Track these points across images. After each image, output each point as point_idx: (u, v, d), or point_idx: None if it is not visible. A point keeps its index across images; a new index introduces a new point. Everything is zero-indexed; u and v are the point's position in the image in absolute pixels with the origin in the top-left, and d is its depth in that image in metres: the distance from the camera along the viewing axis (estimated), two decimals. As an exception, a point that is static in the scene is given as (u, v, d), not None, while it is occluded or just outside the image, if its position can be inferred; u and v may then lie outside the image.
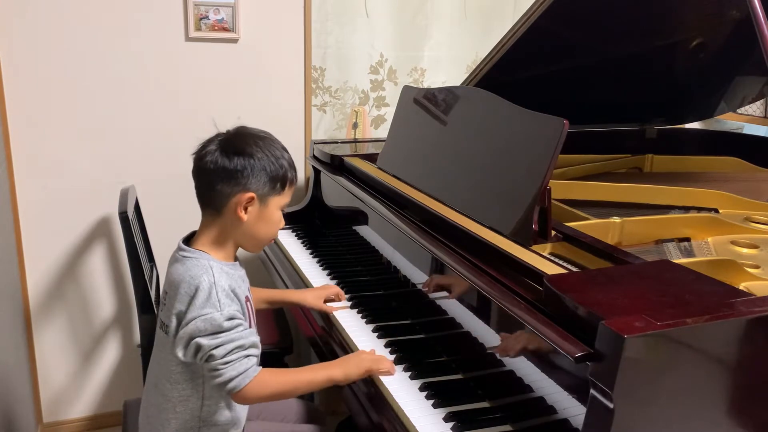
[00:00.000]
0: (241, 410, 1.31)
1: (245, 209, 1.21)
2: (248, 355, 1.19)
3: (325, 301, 1.59)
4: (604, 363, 0.87)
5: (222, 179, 1.19)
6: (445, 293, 1.37)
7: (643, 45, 1.91)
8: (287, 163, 1.24)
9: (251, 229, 1.24)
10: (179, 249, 1.25)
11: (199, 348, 1.16)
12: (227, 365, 1.16)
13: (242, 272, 1.29)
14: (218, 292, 1.17)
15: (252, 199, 1.21)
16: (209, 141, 1.23)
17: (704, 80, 2.09)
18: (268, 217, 1.24)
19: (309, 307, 1.58)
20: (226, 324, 1.16)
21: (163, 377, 1.25)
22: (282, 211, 1.27)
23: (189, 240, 1.27)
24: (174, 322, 1.19)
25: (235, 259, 1.30)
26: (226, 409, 1.27)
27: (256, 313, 1.37)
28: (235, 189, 1.20)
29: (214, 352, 1.15)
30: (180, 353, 1.18)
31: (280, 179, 1.23)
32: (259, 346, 1.23)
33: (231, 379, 1.17)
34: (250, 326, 1.24)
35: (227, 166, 1.19)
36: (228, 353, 1.16)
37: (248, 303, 1.27)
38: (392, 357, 1.35)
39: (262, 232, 1.26)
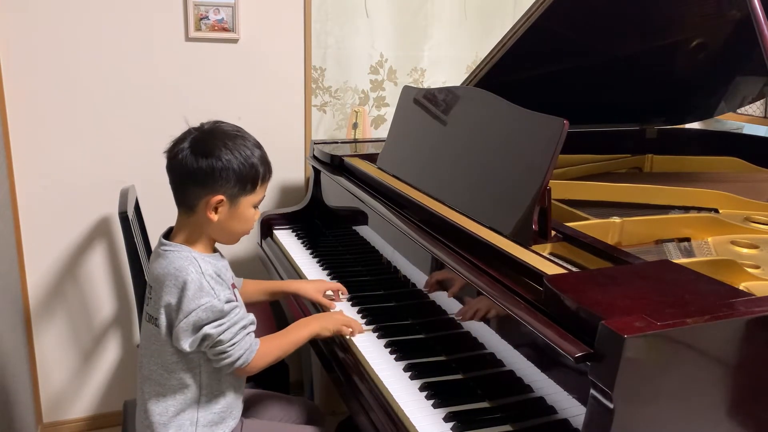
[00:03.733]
0: (236, 398, 1.33)
1: (215, 210, 1.23)
2: (249, 332, 1.26)
3: (325, 297, 1.59)
4: (604, 363, 0.87)
5: (192, 181, 1.22)
6: (445, 293, 1.37)
7: (644, 45, 1.91)
8: (258, 161, 1.25)
9: (223, 227, 1.26)
10: (160, 244, 1.27)
11: (206, 337, 1.19)
12: (234, 346, 1.22)
13: (225, 262, 1.31)
14: (208, 280, 1.20)
15: (221, 201, 1.23)
16: (182, 138, 1.25)
17: (704, 80, 2.09)
18: (239, 214, 1.26)
19: (308, 297, 1.58)
20: (227, 308, 1.20)
21: (158, 368, 1.25)
22: (255, 207, 1.29)
23: (168, 234, 1.30)
24: (163, 314, 1.20)
25: (214, 250, 1.32)
26: (222, 397, 1.29)
27: (255, 305, 1.42)
28: (203, 191, 1.22)
29: (222, 337, 1.20)
30: (186, 345, 1.19)
31: (251, 179, 1.24)
32: (254, 319, 1.29)
33: (239, 358, 1.23)
34: None
35: (195, 168, 1.21)
36: (234, 336, 1.21)
37: (234, 290, 1.30)
38: (393, 357, 1.35)
39: (235, 229, 1.28)
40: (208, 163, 1.20)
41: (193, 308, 1.17)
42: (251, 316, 1.28)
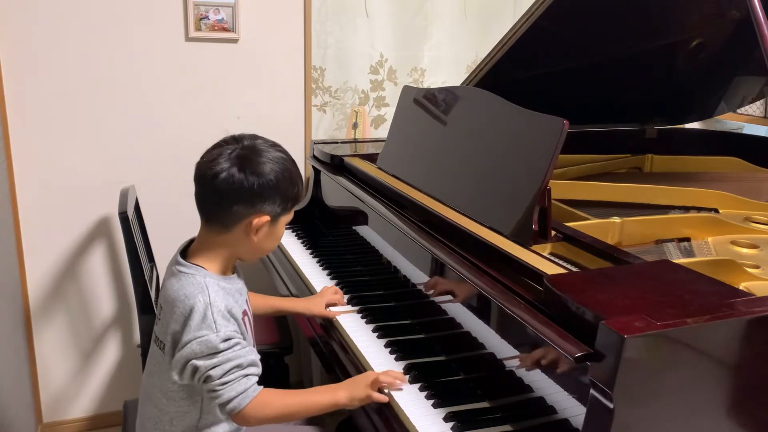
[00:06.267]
0: (237, 428, 1.27)
1: (257, 231, 1.18)
2: (247, 375, 1.15)
3: (328, 305, 1.57)
4: (604, 363, 0.87)
5: (237, 200, 1.15)
6: (444, 293, 1.37)
7: (644, 45, 1.91)
8: (298, 179, 1.21)
9: (258, 246, 1.21)
10: (176, 262, 1.20)
11: (195, 370, 1.12)
12: (225, 386, 1.13)
13: (240, 284, 1.26)
14: (214, 312, 1.13)
15: (266, 222, 1.17)
16: (220, 152, 1.16)
17: (704, 80, 2.09)
18: (275, 234, 1.22)
19: (314, 315, 1.56)
20: (222, 345, 1.12)
21: (158, 392, 1.22)
22: (286, 225, 1.25)
23: (186, 249, 1.23)
24: (169, 341, 1.16)
25: (234, 270, 1.27)
26: (225, 422, 1.23)
27: (260, 316, 1.34)
28: (250, 210, 1.16)
29: (211, 372, 1.12)
30: (176, 377, 1.15)
31: (292, 198, 1.21)
32: (259, 364, 1.19)
33: (230, 400, 1.13)
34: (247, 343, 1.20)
35: (244, 186, 1.13)
36: (225, 373, 1.12)
37: (246, 318, 1.23)
38: (393, 357, 1.35)
39: (267, 248, 1.24)
40: (257, 182, 1.14)
41: (189, 340, 1.11)
42: (253, 357, 1.17)
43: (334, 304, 1.58)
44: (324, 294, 1.59)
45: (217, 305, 1.14)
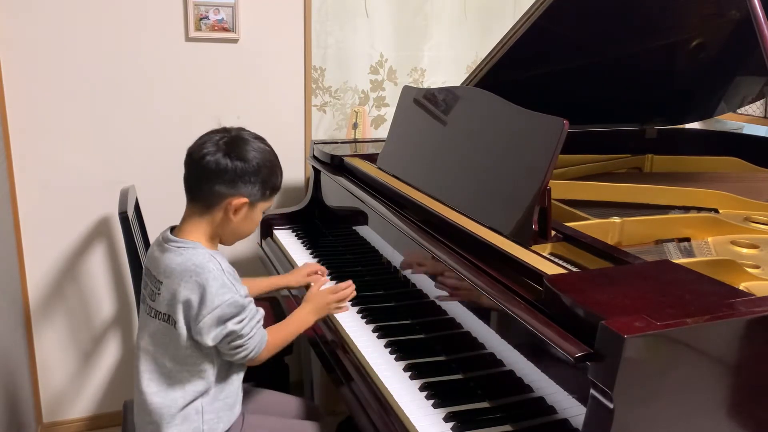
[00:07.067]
0: (240, 385, 1.37)
1: (235, 211, 1.28)
2: (260, 324, 1.31)
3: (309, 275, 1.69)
4: (604, 363, 0.87)
5: (220, 180, 1.25)
6: (444, 293, 1.37)
7: (644, 45, 1.91)
8: (279, 171, 1.33)
9: (236, 228, 1.31)
10: (169, 240, 1.28)
11: (231, 333, 1.24)
12: (251, 339, 1.27)
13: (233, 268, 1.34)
14: (228, 276, 1.24)
15: (244, 203, 1.28)
16: (208, 138, 1.28)
17: (704, 80, 2.09)
18: (252, 218, 1.33)
19: (297, 285, 1.69)
20: (246, 301, 1.26)
21: (168, 361, 1.28)
22: (263, 212, 1.36)
23: (172, 231, 1.33)
24: (181, 310, 1.22)
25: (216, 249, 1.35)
26: (229, 384, 1.33)
27: (258, 304, 1.42)
28: (230, 191, 1.26)
29: (243, 332, 1.25)
30: (209, 340, 1.23)
31: (271, 187, 1.32)
32: (263, 312, 1.34)
33: (253, 350, 1.28)
34: None
35: (227, 168, 1.25)
36: (252, 330, 1.27)
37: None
38: (393, 357, 1.35)
39: (244, 231, 1.34)
40: (240, 165, 1.25)
41: (218, 304, 1.21)
42: (261, 310, 1.33)
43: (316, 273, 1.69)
44: (304, 267, 1.71)
45: (227, 269, 1.26)
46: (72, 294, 2.23)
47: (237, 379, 1.35)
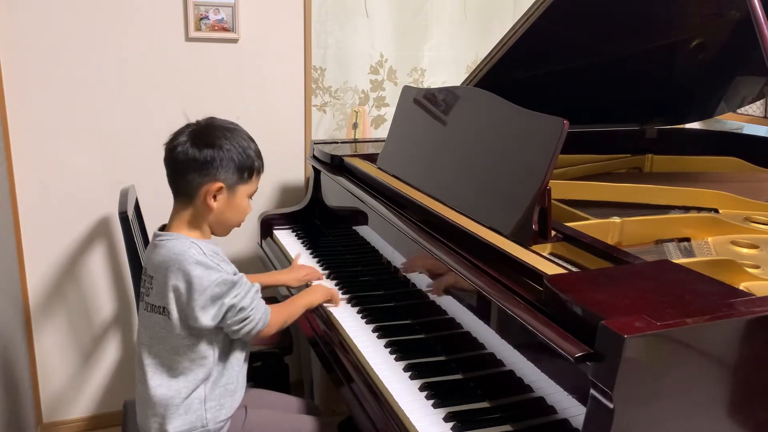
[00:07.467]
0: (241, 369, 1.38)
1: (214, 197, 1.30)
2: (258, 295, 1.34)
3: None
4: (604, 363, 0.87)
5: (193, 169, 1.28)
6: (444, 293, 1.37)
7: (644, 45, 1.91)
8: (254, 153, 1.34)
9: (220, 216, 1.33)
10: (155, 236, 1.32)
11: (230, 308, 1.26)
12: (254, 310, 1.30)
13: (219, 249, 1.35)
14: (211, 257, 1.26)
15: (221, 188, 1.29)
16: (180, 132, 1.32)
17: (704, 80, 2.09)
18: (236, 204, 1.34)
19: (292, 285, 1.72)
20: (235, 277, 1.28)
21: (168, 353, 1.30)
22: (249, 198, 1.37)
23: (162, 229, 1.36)
24: (172, 299, 1.25)
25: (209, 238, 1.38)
26: (230, 369, 1.35)
27: None
28: (205, 179, 1.29)
29: (243, 304, 1.28)
30: (208, 320, 1.25)
31: (248, 169, 1.33)
32: (259, 286, 1.37)
33: (259, 320, 1.31)
34: None
35: (197, 157, 1.28)
36: (252, 300, 1.30)
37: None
38: (393, 357, 1.36)
39: (231, 218, 1.36)
40: (209, 152, 1.28)
41: (207, 285, 1.23)
42: (257, 284, 1.36)
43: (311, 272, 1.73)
44: (301, 270, 1.74)
45: (209, 251, 1.28)
46: (72, 294, 2.23)
47: (237, 364, 1.36)
